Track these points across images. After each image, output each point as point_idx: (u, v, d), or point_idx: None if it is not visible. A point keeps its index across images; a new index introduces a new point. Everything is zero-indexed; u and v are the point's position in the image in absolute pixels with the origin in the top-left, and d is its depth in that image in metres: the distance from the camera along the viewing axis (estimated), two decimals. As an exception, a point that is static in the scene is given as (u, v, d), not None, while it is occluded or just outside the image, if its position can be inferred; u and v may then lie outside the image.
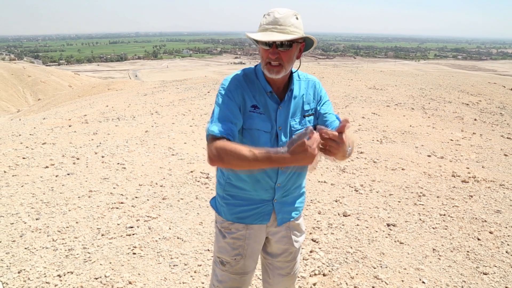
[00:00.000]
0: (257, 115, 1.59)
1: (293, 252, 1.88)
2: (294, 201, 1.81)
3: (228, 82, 1.60)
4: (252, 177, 1.66)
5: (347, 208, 3.98)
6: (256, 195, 1.70)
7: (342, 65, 57.36)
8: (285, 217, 1.79)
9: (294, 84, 1.66)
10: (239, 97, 1.57)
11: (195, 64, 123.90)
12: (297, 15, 1.51)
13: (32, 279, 2.80)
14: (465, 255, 3.17)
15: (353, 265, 3.02)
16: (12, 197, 4.18)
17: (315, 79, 1.74)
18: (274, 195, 1.71)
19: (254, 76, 1.64)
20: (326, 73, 17.00)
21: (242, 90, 1.59)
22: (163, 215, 3.83)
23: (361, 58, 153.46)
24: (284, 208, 1.77)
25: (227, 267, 1.78)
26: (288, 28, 1.47)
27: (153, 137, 6.73)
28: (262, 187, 1.68)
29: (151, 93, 13.28)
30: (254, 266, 1.84)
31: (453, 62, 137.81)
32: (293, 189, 1.76)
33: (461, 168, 5.17)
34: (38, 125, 8.50)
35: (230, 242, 1.76)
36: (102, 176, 4.83)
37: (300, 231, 1.90)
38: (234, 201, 1.72)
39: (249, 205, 1.71)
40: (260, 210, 1.72)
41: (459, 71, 67.71)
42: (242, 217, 1.72)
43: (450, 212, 3.92)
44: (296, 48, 1.54)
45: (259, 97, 1.61)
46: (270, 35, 1.46)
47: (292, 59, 1.54)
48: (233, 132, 1.48)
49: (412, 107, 9.35)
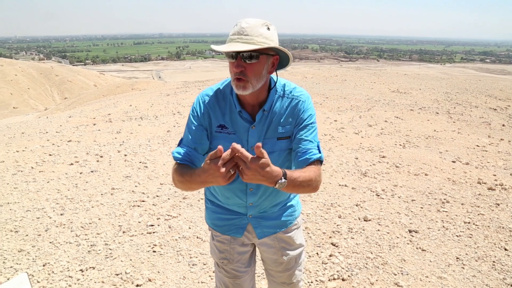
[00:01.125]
0: (224, 136, 1.50)
1: (283, 263, 1.76)
2: (279, 215, 1.69)
3: (196, 102, 1.54)
4: (222, 193, 1.63)
5: (368, 213, 3.92)
6: (229, 207, 1.66)
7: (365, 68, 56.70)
8: (267, 231, 1.68)
9: (270, 101, 1.49)
10: (205, 118, 1.50)
11: (217, 65, 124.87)
12: (268, 25, 1.37)
13: (56, 272, 2.88)
14: (491, 265, 3.07)
15: (373, 271, 2.97)
16: (39, 192, 4.31)
17: (300, 97, 1.51)
18: (248, 212, 1.64)
19: (229, 92, 1.52)
20: (349, 75, 16.84)
21: (209, 109, 1.51)
22: (183, 214, 3.87)
23: (385, 61, 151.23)
24: (264, 223, 1.67)
25: (221, 269, 1.77)
26: (254, 39, 1.32)
27: (174, 137, 6.81)
28: (233, 203, 1.63)
29: (173, 93, 13.46)
30: (248, 270, 1.79)
31: (481, 65, 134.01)
32: (272, 207, 1.65)
33: (488, 175, 5.02)
34: (64, 123, 8.74)
35: (217, 245, 1.74)
36: (124, 174, 4.92)
37: (292, 244, 1.75)
38: (212, 207, 1.72)
39: (224, 214, 1.68)
40: (234, 222, 1.67)
41: (487, 75, 65.83)
42: (217, 224, 1.71)
43: (475, 220, 3.80)
44: (266, 61, 1.39)
45: (231, 115, 1.50)
46: (233, 45, 1.32)
47: (259, 74, 1.38)
48: (190, 157, 1.46)
49: (437, 112, 9.14)
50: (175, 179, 1.42)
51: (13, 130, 8.24)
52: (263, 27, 1.35)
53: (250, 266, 1.79)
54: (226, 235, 1.69)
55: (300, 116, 1.48)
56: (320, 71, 20.28)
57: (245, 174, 1.15)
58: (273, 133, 1.49)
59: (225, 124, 1.50)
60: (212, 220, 1.73)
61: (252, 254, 1.81)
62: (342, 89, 12.52)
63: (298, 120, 1.49)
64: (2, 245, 3.23)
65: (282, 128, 1.49)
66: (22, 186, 4.46)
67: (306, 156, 1.42)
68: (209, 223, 1.75)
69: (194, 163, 1.46)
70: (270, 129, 1.49)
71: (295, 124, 1.49)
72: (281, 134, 1.50)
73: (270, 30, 1.37)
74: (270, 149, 1.49)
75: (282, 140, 1.50)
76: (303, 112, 1.49)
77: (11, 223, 3.61)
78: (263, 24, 1.36)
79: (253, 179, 1.17)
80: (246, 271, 1.77)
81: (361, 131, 7.20)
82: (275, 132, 1.49)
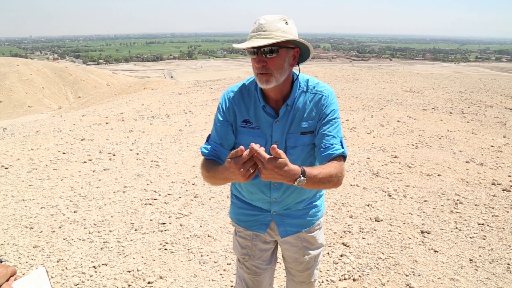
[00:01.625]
0: (248, 130, 1.53)
1: (304, 262, 1.78)
2: (303, 214, 1.69)
3: (222, 98, 1.60)
4: (247, 188, 1.65)
5: (379, 213, 3.89)
6: (254, 203, 1.68)
7: (377, 67, 56.20)
8: (290, 230, 1.68)
9: (294, 96, 1.51)
10: (230, 113, 1.55)
11: (229, 65, 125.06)
12: (286, 19, 1.39)
13: (70, 268, 2.93)
14: (506, 268, 3.02)
15: (384, 272, 2.95)
16: (53, 189, 4.38)
17: (323, 92, 1.52)
18: (271, 208, 1.65)
19: (254, 88, 1.56)
20: (361, 75, 16.71)
21: (234, 105, 1.55)
22: (195, 212, 3.89)
23: (397, 60, 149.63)
24: (287, 221, 1.67)
25: (242, 266, 1.80)
26: (273, 33, 1.35)
27: (186, 136, 6.85)
28: (257, 198, 1.65)
29: (185, 92, 13.54)
30: (268, 268, 1.80)
31: (496, 64, 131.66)
32: (296, 204, 1.65)
33: (503, 176, 4.93)
34: (78, 121, 8.87)
35: (240, 240, 1.77)
36: (136, 172, 4.97)
37: (314, 244, 1.77)
38: (237, 202, 1.75)
39: (248, 210, 1.70)
40: (258, 218, 1.68)
41: (503, 74, 64.65)
42: (241, 220, 1.73)
43: (489, 222, 3.74)
44: (286, 54, 1.41)
45: (255, 111, 1.54)
46: (252, 42, 1.36)
47: (281, 67, 1.40)
48: (217, 152, 1.52)
49: (450, 111, 9.02)
50: (202, 174, 1.49)
51: (28, 128, 8.39)
52: (281, 22, 1.37)
53: (270, 263, 1.81)
54: (250, 230, 1.71)
55: (323, 111, 1.49)
56: (332, 70, 20.17)
57: (262, 174, 1.18)
58: (297, 128, 1.51)
59: (249, 119, 1.54)
60: (236, 215, 1.75)
61: (273, 251, 1.82)
62: (354, 88, 12.43)
63: (321, 115, 1.49)
64: (17, 241, 3.30)
65: (306, 122, 1.50)
66: (36, 184, 4.54)
67: (329, 152, 1.43)
68: (233, 218, 1.78)
69: (220, 158, 1.51)
70: (293, 124, 1.51)
71: (318, 118, 1.50)
72: (304, 129, 1.50)
73: (288, 24, 1.38)
74: (293, 143, 1.51)
75: (306, 135, 1.51)
76: (326, 107, 1.49)
77: (26, 219, 3.68)
78: (281, 19, 1.38)
79: (270, 178, 1.19)
80: (267, 268, 1.79)
81: (373, 130, 7.14)
82: (299, 127, 1.50)
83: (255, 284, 1.80)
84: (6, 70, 45.07)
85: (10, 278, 0.83)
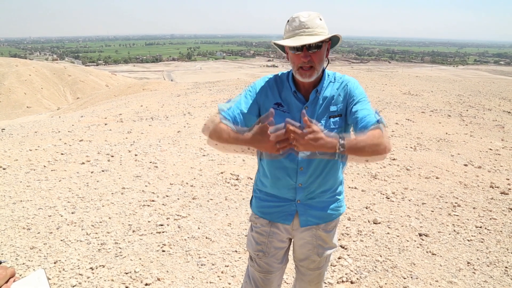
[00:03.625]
0: (279, 113, 1.60)
1: (316, 261, 1.81)
2: (326, 206, 1.72)
3: (258, 81, 1.70)
4: (273, 174, 1.68)
5: (377, 216, 3.89)
6: (279, 193, 1.71)
7: (376, 70, 56.26)
8: (310, 220, 1.72)
9: (323, 85, 1.63)
10: (261, 95, 1.64)
11: (228, 66, 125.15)
12: (320, 16, 1.52)
13: (67, 270, 2.92)
14: (503, 271, 3.02)
15: (382, 274, 2.95)
16: (51, 190, 4.38)
17: (349, 80, 1.66)
18: (296, 196, 1.68)
19: (286, 78, 1.68)
20: (360, 77, 16.74)
21: (268, 88, 1.66)
22: (193, 214, 3.89)
23: (396, 63, 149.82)
24: (310, 211, 1.71)
25: (253, 263, 1.81)
26: (316, 30, 1.48)
27: (185, 137, 6.85)
28: (283, 185, 1.68)
29: (184, 94, 13.54)
30: (280, 267, 1.82)
31: (495, 67, 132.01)
32: (320, 192, 1.69)
33: (501, 179, 4.94)
34: (76, 122, 8.86)
35: (255, 236, 1.79)
36: (134, 174, 4.96)
37: (329, 243, 1.80)
38: (261, 195, 1.77)
39: (273, 202, 1.73)
40: (282, 209, 1.72)
41: (501, 77, 64.79)
42: (266, 212, 1.75)
43: (487, 225, 3.75)
44: (325, 47, 1.55)
45: (286, 96, 1.64)
46: (301, 39, 1.46)
47: (322, 59, 1.55)
48: (235, 117, 1.57)
49: (449, 114, 9.04)
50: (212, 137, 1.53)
51: (26, 129, 8.38)
52: (318, 19, 1.50)
53: (282, 263, 1.83)
54: (276, 222, 1.74)
55: (351, 94, 1.59)
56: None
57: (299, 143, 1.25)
58: (325, 111, 1.60)
59: (282, 103, 1.63)
60: (260, 208, 1.77)
61: (286, 251, 1.84)
62: (353, 90, 12.44)
63: (349, 98, 1.59)
64: (15, 242, 3.29)
65: (334, 106, 1.60)
66: (34, 184, 4.53)
67: (364, 123, 1.46)
68: (256, 211, 1.80)
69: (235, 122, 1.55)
70: (322, 108, 1.61)
71: (347, 102, 1.60)
72: (333, 112, 1.60)
73: (322, 20, 1.52)
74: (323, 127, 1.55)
75: (334, 118, 1.60)
76: (353, 90, 1.60)
77: (24, 220, 3.67)
78: (317, 16, 1.51)
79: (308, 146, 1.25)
80: (278, 267, 1.81)
81: (372, 133, 7.14)
82: (327, 110, 1.60)
83: (265, 283, 1.81)
84: (5, 71, 45.04)
85: (9, 279, 0.82)
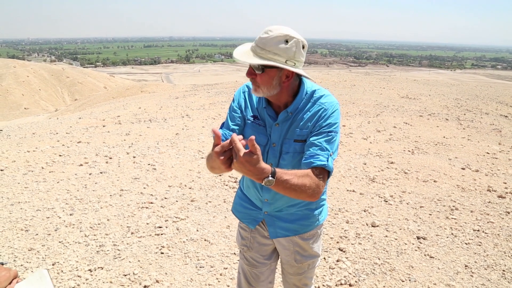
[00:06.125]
0: (255, 126, 1.59)
1: (295, 267, 1.77)
2: (296, 218, 1.66)
3: (238, 91, 1.68)
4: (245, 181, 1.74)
5: (375, 219, 3.90)
6: (250, 197, 1.74)
7: (374, 73, 56.47)
8: (280, 232, 1.67)
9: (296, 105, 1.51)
10: (242, 107, 1.63)
11: (227, 69, 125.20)
12: (289, 38, 1.36)
13: (65, 271, 2.91)
14: (501, 274, 3.03)
15: (380, 277, 2.96)
16: (49, 192, 4.37)
17: (324, 105, 1.49)
18: (263, 207, 1.67)
19: None
20: (358, 81, 16.79)
21: (244, 100, 1.64)
22: (191, 216, 3.89)
23: (394, 67, 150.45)
24: (278, 223, 1.67)
25: (242, 256, 1.86)
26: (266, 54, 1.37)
27: (183, 139, 6.85)
28: (251, 194, 1.71)
29: (182, 96, 13.54)
30: (267, 263, 1.82)
31: (492, 72, 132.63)
32: (288, 207, 1.64)
33: (498, 183, 4.96)
34: (74, 124, 8.85)
35: (241, 231, 1.84)
36: (133, 176, 4.96)
37: (308, 251, 1.73)
38: (239, 193, 1.83)
39: (245, 202, 1.76)
40: (250, 212, 1.74)
41: (498, 81, 65.10)
42: (237, 210, 1.81)
43: (485, 228, 3.77)
44: (276, 74, 1.41)
45: (260, 110, 1.60)
46: (246, 54, 1.41)
47: (269, 84, 1.42)
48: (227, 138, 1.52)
49: (447, 118, 9.08)
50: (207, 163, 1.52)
51: (24, 130, 8.36)
52: (281, 42, 1.36)
53: (270, 259, 1.83)
54: (242, 222, 1.79)
55: (318, 123, 1.47)
56: (329, 76, 20.24)
57: (233, 164, 1.20)
58: (292, 135, 1.53)
59: (258, 116, 1.60)
60: (235, 205, 1.83)
61: (275, 249, 1.83)
62: (351, 94, 12.49)
63: (315, 126, 1.47)
64: (13, 243, 3.28)
65: (300, 131, 1.51)
66: (32, 186, 4.52)
67: (310, 160, 1.40)
68: (232, 208, 1.85)
69: None
70: (290, 130, 1.53)
71: (312, 129, 1.48)
72: (298, 136, 1.51)
73: (288, 44, 1.36)
74: (287, 149, 1.53)
75: (298, 142, 1.51)
76: (323, 119, 1.47)
77: (22, 222, 3.66)
78: (284, 38, 1.36)
79: (240, 171, 1.21)
80: (265, 263, 1.82)
81: (370, 136, 7.17)
82: (294, 134, 1.52)
83: (253, 277, 1.83)
84: (3, 72, 44.95)
85: (12, 281, 0.83)
